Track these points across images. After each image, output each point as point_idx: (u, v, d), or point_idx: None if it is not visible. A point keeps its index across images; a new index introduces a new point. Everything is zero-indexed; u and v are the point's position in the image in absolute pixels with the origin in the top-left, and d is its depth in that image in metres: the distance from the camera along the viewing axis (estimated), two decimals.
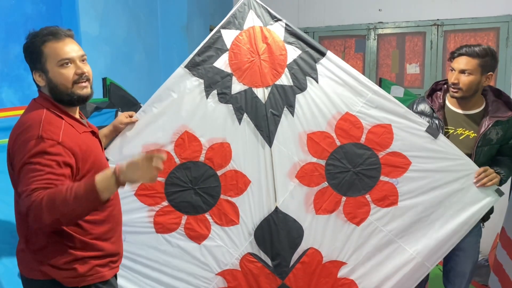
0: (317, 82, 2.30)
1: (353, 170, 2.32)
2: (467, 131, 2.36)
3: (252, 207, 2.35)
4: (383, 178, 2.32)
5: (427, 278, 2.55)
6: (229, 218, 2.35)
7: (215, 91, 2.30)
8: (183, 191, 2.32)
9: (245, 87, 2.31)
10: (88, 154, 1.68)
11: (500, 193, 2.30)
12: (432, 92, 2.49)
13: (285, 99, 2.31)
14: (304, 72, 2.30)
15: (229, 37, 2.30)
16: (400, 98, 3.83)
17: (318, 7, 4.87)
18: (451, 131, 2.38)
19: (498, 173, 2.29)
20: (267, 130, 2.31)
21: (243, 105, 2.31)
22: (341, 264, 2.38)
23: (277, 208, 2.34)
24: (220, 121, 2.31)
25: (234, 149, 2.32)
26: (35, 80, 1.70)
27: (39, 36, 1.66)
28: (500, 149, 2.41)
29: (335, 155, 2.32)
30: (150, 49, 3.75)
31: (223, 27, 2.30)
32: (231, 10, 2.32)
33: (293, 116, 2.32)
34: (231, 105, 2.31)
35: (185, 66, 2.28)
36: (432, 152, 2.26)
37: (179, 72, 2.29)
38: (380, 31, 4.75)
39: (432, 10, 4.48)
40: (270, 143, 2.32)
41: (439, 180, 2.28)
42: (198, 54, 2.29)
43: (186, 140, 2.30)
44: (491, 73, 2.31)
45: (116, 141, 2.27)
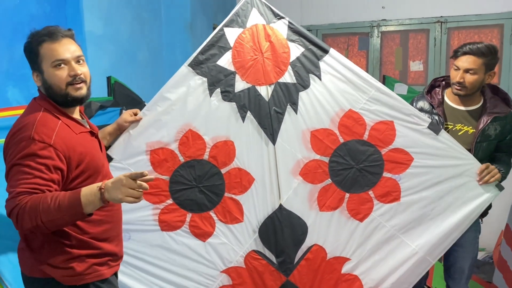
0: (320, 79, 2.30)
1: (356, 167, 2.33)
2: (466, 127, 2.39)
3: (256, 205, 2.36)
4: (386, 174, 2.33)
5: (427, 274, 2.56)
6: (234, 216, 2.35)
7: (218, 89, 2.31)
8: (187, 189, 2.33)
9: (248, 85, 2.32)
10: (84, 156, 1.67)
11: (500, 187, 2.32)
12: (431, 89, 2.52)
13: (288, 96, 2.32)
14: (307, 69, 2.31)
15: (232, 35, 2.31)
16: (404, 95, 3.83)
17: (321, 4, 4.86)
18: (450, 126, 2.41)
19: (498, 170, 2.30)
20: (270, 128, 2.32)
21: (247, 103, 2.32)
22: (344, 260, 2.39)
23: (281, 205, 2.35)
24: (223, 119, 2.32)
25: (238, 147, 2.33)
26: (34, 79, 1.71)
27: (36, 37, 1.66)
28: (497, 144, 2.43)
29: (338, 152, 2.33)
30: (154, 47, 3.76)
31: (226, 25, 2.31)
32: (234, 8, 2.32)
33: (296, 113, 2.32)
34: (234, 103, 2.31)
35: (188, 65, 2.29)
36: (434, 149, 2.28)
37: (183, 70, 2.29)
38: (383, 29, 4.75)
39: (435, 7, 4.46)
40: (273, 140, 2.33)
41: (441, 175, 2.30)
42: (202, 53, 2.29)
43: (190, 138, 2.31)
44: (493, 71, 2.34)
45: (120, 140, 2.27)
